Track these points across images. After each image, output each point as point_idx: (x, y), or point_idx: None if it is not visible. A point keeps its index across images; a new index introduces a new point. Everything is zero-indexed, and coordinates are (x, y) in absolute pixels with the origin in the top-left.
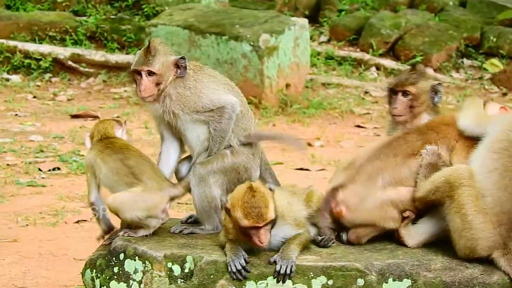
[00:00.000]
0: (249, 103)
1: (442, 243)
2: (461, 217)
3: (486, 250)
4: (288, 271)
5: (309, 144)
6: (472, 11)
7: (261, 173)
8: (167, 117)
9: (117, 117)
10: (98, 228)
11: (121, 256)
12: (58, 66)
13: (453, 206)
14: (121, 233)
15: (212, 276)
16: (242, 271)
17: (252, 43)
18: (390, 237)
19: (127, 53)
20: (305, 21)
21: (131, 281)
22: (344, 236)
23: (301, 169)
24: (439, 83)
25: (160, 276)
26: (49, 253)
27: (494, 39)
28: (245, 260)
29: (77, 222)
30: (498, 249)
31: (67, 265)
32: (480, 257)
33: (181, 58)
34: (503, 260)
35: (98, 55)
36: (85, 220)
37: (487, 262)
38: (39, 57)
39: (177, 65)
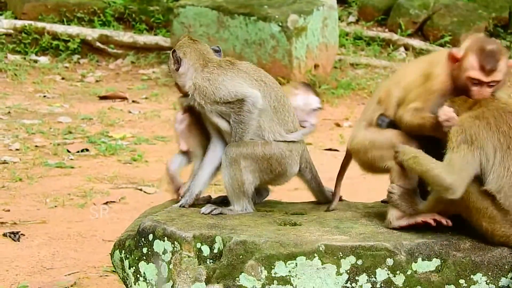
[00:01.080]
0: None
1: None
2: (488, 220)
3: None
4: None
5: (338, 125)
6: None
7: (301, 170)
8: (196, 107)
9: (146, 98)
10: (125, 210)
11: (150, 236)
12: (86, 47)
13: (474, 214)
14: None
15: (241, 257)
16: None
17: (280, 24)
18: None
19: (155, 34)
20: (333, 1)
21: (160, 262)
22: None
23: (329, 149)
24: None
25: (189, 256)
26: (77, 234)
27: None
28: None
29: (106, 203)
30: None
31: (95, 246)
32: None
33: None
34: None
35: (126, 36)
36: (114, 202)
37: None
38: (67, 39)
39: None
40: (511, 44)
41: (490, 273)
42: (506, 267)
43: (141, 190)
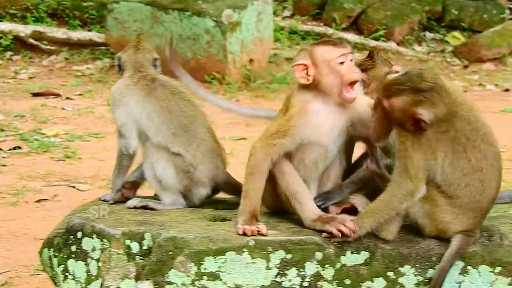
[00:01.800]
0: (212, 79)
1: None
2: (432, 205)
3: (455, 232)
4: None
5: None
6: None
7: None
8: None
9: (80, 94)
10: (57, 207)
11: (79, 234)
12: (19, 44)
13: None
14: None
15: (170, 253)
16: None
17: (215, 19)
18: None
19: (89, 30)
20: None
21: (89, 260)
22: None
23: None
24: None
25: (118, 253)
26: (9, 232)
27: (456, 12)
28: None
29: (38, 201)
30: (463, 231)
31: (27, 244)
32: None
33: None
34: (459, 236)
35: (59, 33)
36: (46, 199)
37: None
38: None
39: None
40: (444, 37)
41: (418, 265)
42: (434, 258)
43: (74, 187)
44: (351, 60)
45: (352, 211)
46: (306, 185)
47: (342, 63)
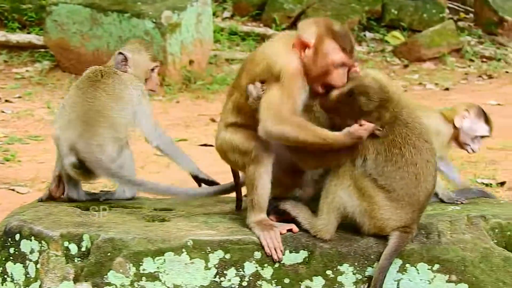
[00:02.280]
0: None
1: None
2: (369, 202)
3: (393, 228)
4: None
5: (213, 120)
6: None
7: None
8: None
9: (19, 97)
10: None
11: (17, 236)
12: None
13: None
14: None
15: (109, 254)
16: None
17: (154, 20)
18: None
19: (28, 33)
20: None
21: (27, 262)
22: None
23: (205, 145)
24: None
25: (56, 255)
26: None
27: (395, 12)
28: None
29: None
30: (401, 227)
31: None
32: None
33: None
34: (396, 234)
35: None
36: None
37: None
38: None
39: None
40: (384, 37)
41: (356, 263)
42: (372, 256)
43: (13, 190)
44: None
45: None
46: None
47: (337, 68)
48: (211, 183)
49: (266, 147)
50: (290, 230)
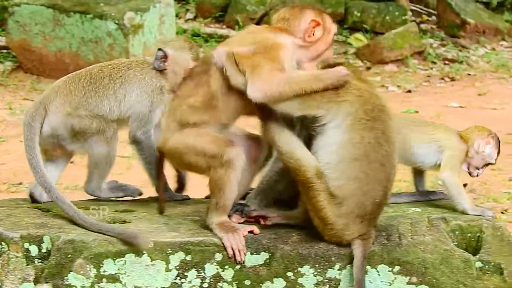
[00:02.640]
0: None
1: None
2: (319, 218)
3: (351, 238)
4: None
5: None
6: None
7: None
8: None
9: None
10: None
11: None
12: None
13: (309, 204)
14: None
15: (69, 256)
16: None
17: (117, 21)
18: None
19: None
20: None
21: None
22: None
23: None
24: None
25: (17, 257)
26: None
27: (358, 14)
28: None
29: None
30: (360, 236)
31: None
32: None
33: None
34: (358, 242)
35: None
36: None
37: None
38: None
39: None
40: (347, 39)
41: (317, 265)
42: (333, 258)
43: None
44: None
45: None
46: None
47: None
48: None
49: (238, 151)
50: (251, 232)
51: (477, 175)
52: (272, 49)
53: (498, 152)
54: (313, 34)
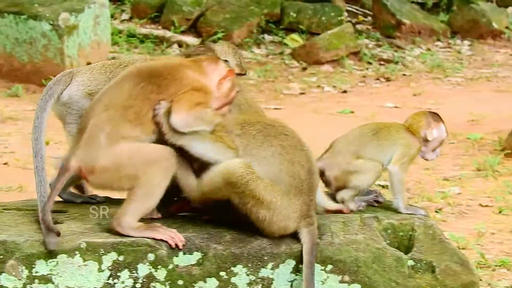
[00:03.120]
0: None
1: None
2: (267, 208)
3: (297, 222)
4: None
5: None
6: None
7: None
8: None
9: None
10: None
11: None
12: None
13: (250, 201)
14: None
15: (1, 257)
16: None
17: (51, 22)
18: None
19: None
20: None
21: None
22: None
23: None
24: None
25: None
26: None
27: (294, 15)
28: None
29: None
30: (304, 219)
31: None
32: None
33: None
34: (306, 230)
35: None
36: None
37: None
38: None
39: None
40: (283, 40)
41: (250, 265)
42: (266, 258)
43: None
44: None
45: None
46: None
47: None
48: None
49: (171, 153)
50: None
51: (436, 156)
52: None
53: (444, 124)
54: (222, 86)
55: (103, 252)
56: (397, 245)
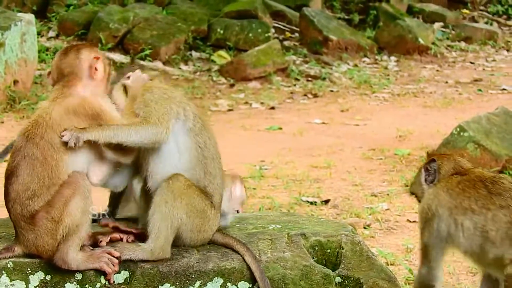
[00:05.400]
0: None
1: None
2: (198, 216)
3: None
4: None
5: None
6: (199, 4)
7: None
8: None
9: None
10: None
11: None
12: None
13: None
14: None
15: None
16: None
17: None
18: None
19: None
20: (31, 16)
21: None
22: None
23: None
24: (431, 160)
25: None
26: None
27: (221, 31)
28: None
29: None
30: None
31: None
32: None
33: None
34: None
35: None
36: None
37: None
38: None
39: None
40: (211, 56)
41: (178, 283)
42: (193, 276)
43: None
44: None
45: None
46: None
47: None
48: None
49: (83, 177)
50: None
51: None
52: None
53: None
54: (97, 70)
55: (30, 271)
56: (324, 262)
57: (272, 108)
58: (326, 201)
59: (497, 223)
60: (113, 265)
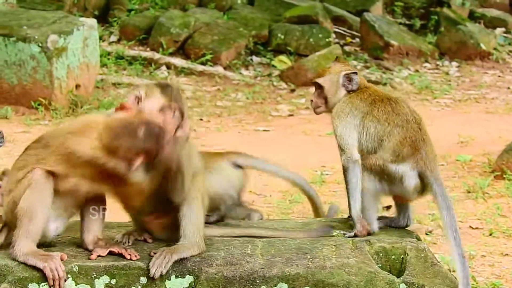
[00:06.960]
0: (38, 105)
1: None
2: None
3: None
4: None
5: None
6: (260, 9)
7: None
8: None
9: None
10: None
11: None
12: None
13: None
14: None
15: None
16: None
17: (40, 44)
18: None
19: None
20: (93, 21)
21: None
22: None
23: None
24: (354, 72)
25: None
26: None
27: (282, 36)
28: None
29: None
30: None
31: None
32: None
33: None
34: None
35: None
36: None
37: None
38: None
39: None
40: (271, 61)
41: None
42: (258, 281)
43: None
44: None
45: None
46: None
47: None
48: None
49: (41, 173)
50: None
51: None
52: None
53: None
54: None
55: (95, 275)
56: (389, 269)
57: None
58: (388, 207)
59: (391, 136)
60: (58, 273)
